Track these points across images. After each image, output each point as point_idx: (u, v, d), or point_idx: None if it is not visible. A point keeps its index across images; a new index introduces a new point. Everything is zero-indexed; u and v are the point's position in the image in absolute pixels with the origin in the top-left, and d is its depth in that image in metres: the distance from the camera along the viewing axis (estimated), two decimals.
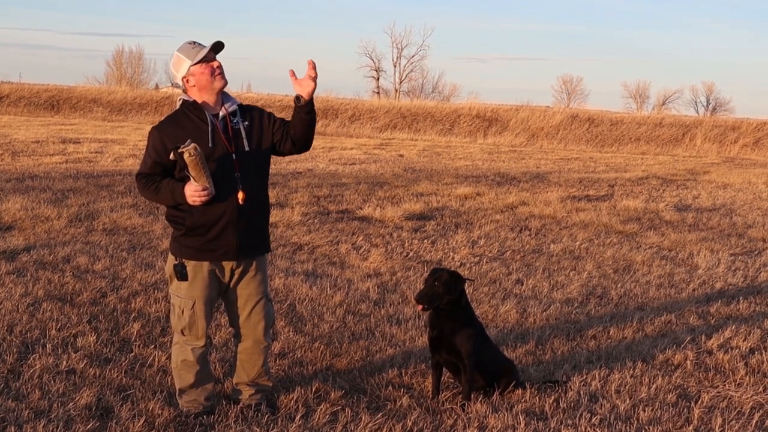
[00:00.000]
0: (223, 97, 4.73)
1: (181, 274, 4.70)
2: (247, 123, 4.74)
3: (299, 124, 4.74)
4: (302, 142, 4.82)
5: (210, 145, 4.58)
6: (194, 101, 4.65)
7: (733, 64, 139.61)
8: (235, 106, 4.74)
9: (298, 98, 4.69)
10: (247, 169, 4.67)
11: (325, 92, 48.15)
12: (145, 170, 4.64)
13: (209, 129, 4.61)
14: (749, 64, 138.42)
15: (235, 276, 4.79)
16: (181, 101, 4.69)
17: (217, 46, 4.66)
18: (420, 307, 5.20)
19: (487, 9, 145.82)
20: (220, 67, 4.63)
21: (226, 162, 4.62)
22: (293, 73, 4.67)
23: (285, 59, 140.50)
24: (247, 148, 4.68)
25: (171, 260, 4.78)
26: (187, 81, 4.63)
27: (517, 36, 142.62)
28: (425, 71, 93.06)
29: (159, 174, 4.62)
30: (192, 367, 4.83)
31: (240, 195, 4.61)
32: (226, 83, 4.68)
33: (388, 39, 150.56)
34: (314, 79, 4.65)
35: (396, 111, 42.63)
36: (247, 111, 4.81)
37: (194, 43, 4.64)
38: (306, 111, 4.70)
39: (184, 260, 4.70)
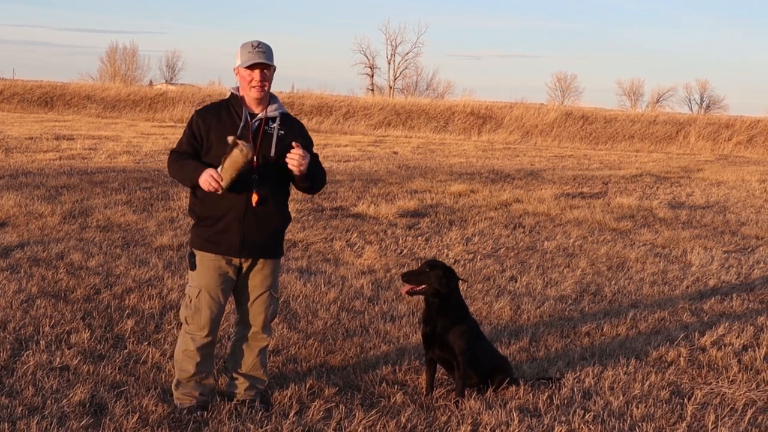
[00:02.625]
0: (271, 99, 4.85)
1: (191, 262, 4.85)
2: (283, 132, 4.81)
3: (299, 187, 4.90)
4: (305, 192, 5.03)
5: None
6: (237, 97, 4.80)
7: (727, 61, 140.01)
8: (277, 113, 4.83)
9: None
10: (266, 174, 4.73)
11: (320, 89, 48.19)
12: (178, 149, 4.82)
13: (241, 125, 4.72)
14: (743, 61, 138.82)
15: (243, 270, 4.88)
16: (230, 93, 4.85)
17: (260, 64, 4.70)
18: (405, 288, 5.22)
19: (481, 6, 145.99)
20: (259, 81, 4.69)
21: None
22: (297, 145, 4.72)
23: (280, 56, 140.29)
24: (272, 154, 4.75)
25: (189, 250, 4.94)
26: (237, 74, 4.79)
27: (512, 33, 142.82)
28: (419, 68, 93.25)
29: (190, 154, 4.76)
30: (192, 357, 4.87)
31: (254, 197, 4.70)
32: (261, 96, 4.75)
33: (382, 36, 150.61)
34: (300, 156, 4.66)
35: (390, 108, 42.59)
36: (290, 122, 4.89)
37: (257, 46, 4.71)
38: (301, 181, 4.81)
39: (193, 249, 4.84)
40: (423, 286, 5.22)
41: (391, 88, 76.46)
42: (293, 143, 4.70)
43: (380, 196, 14.39)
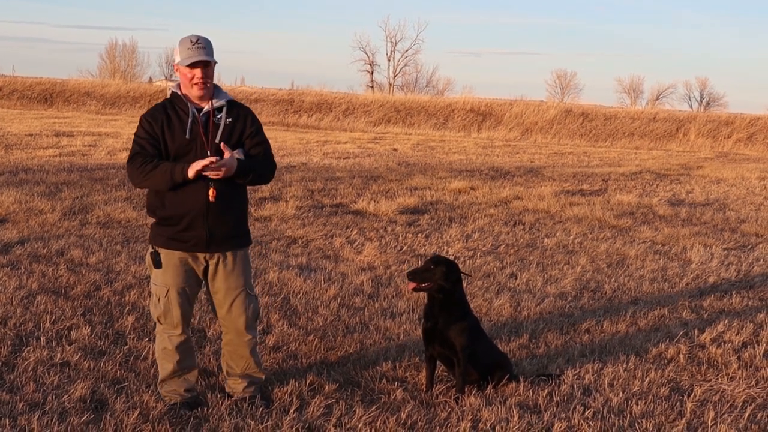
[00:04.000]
0: (215, 90, 4.79)
1: (155, 261, 4.77)
2: (230, 120, 4.77)
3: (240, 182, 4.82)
4: (249, 185, 4.92)
5: (187, 136, 4.66)
6: (179, 95, 4.74)
7: (727, 59, 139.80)
8: (222, 102, 4.78)
9: None
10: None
11: (319, 86, 48.21)
12: (141, 152, 4.67)
13: (189, 121, 4.67)
14: (743, 59, 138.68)
15: (211, 267, 4.82)
16: (170, 92, 4.78)
17: (201, 62, 4.66)
18: (411, 285, 5.25)
19: (481, 3, 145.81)
20: (200, 78, 4.65)
21: (200, 155, 4.65)
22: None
23: (278, 53, 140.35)
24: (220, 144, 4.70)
25: (149, 249, 4.84)
26: (177, 70, 4.74)
27: (512, 30, 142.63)
28: (419, 65, 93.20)
29: (152, 155, 4.65)
30: (171, 356, 4.85)
31: (211, 192, 4.65)
32: (203, 93, 4.70)
33: (382, 33, 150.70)
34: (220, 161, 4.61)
35: (390, 105, 42.60)
36: (236, 108, 4.84)
37: (195, 42, 4.65)
38: (238, 178, 4.73)
39: (157, 248, 4.77)
40: (427, 283, 5.23)
41: (390, 85, 76.41)
42: (221, 144, 4.64)
43: (380, 193, 14.40)
